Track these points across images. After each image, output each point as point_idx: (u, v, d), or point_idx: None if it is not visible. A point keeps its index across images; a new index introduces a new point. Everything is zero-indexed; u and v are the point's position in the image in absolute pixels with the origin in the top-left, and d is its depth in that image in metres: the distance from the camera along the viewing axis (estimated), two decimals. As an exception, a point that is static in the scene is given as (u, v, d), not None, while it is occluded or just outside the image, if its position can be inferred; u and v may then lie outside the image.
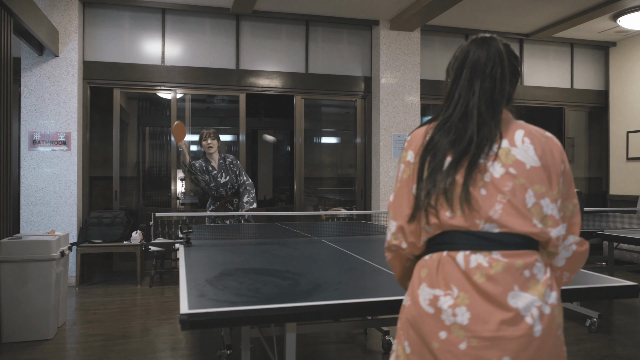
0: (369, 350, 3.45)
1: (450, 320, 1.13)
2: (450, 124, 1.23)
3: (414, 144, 1.28)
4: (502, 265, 1.13)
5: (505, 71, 1.25)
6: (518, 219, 1.15)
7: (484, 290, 1.12)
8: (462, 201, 1.16)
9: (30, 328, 3.52)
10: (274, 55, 6.19)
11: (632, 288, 1.79)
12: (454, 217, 1.17)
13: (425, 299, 1.17)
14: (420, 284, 1.20)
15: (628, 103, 7.01)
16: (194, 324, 1.44)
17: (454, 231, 1.18)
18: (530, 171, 1.18)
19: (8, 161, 3.80)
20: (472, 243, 1.16)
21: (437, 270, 1.18)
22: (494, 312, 1.11)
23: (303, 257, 2.55)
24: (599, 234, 3.69)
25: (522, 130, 1.23)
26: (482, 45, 1.26)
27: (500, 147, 1.20)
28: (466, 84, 1.25)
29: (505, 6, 5.80)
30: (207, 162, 4.70)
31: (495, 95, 1.23)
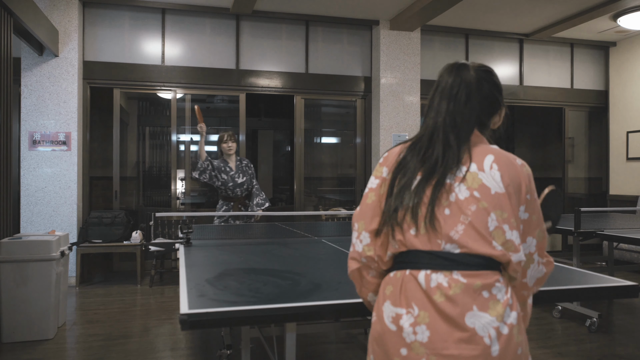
0: (369, 350, 3.45)
1: (410, 338, 1.18)
2: (421, 145, 1.30)
3: (388, 161, 1.34)
4: (460, 286, 1.17)
5: (472, 96, 1.30)
6: (478, 241, 1.19)
7: (442, 310, 1.16)
8: (426, 220, 1.21)
9: (30, 328, 3.52)
10: (274, 55, 6.19)
11: (632, 288, 1.79)
12: (417, 236, 1.22)
13: (389, 317, 1.23)
14: (385, 301, 1.25)
15: (628, 103, 7.01)
16: (194, 324, 1.44)
17: (417, 250, 1.23)
18: (494, 196, 1.21)
19: (8, 161, 3.80)
20: (433, 263, 1.20)
21: (400, 288, 1.23)
22: (452, 331, 1.15)
23: (303, 257, 2.55)
24: (599, 234, 3.69)
25: (492, 155, 1.27)
26: (451, 71, 1.33)
27: (469, 170, 1.24)
28: (435, 107, 1.32)
29: (505, 6, 5.80)
30: (225, 162, 4.76)
31: (457, 118, 1.28)
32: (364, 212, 1.35)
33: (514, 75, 7.04)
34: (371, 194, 1.34)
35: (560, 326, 3.92)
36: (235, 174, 4.74)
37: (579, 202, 7.43)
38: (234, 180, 4.71)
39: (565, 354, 3.32)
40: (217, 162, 4.75)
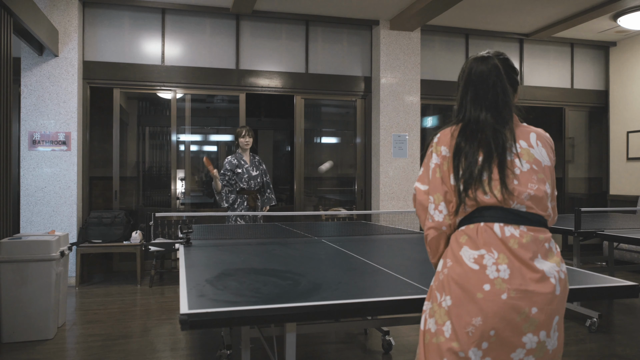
0: (369, 350, 3.45)
1: (494, 275, 1.37)
2: (471, 130, 1.49)
3: (445, 141, 1.52)
4: (530, 236, 1.41)
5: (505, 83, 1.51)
6: (540, 204, 1.45)
7: (517, 255, 1.38)
8: (502, 187, 1.42)
9: (30, 328, 3.52)
10: (274, 55, 6.19)
11: (632, 288, 1.79)
12: (491, 198, 1.43)
13: (470, 258, 1.41)
14: (461, 247, 1.43)
15: (628, 103, 7.01)
16: (194, 324, 1.44)
17: (489, 207, 1.43)
18: (545, 168, 1.49)
19: (8, 161, 3.80)
20: (505, 217, 1.42)
21: (477, 236, 1.42)
22: (526, 272, 1.37)
23: (303, 257, 2.55)
24: (599, 234, 3.70)
25: (534, 133, 1.53)
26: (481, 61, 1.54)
27: (522, 147, 1.48)
28: (474, 97, 1.52)
29: (505, 6, 5.80)
30: (240, 156, 4.91)
31: (499, 105, 1.49)
32: (436, 185, 1.50)
33: (514, 75, 7.03)
34: (437, 169, 1.51)
35: (560, 326, 3.92)
36: (250, 167, 4.89)
37: (579, 202, 7.43)
38: (249, 173, 4.86)
39: (565, 354, 3.32)
40: (230, 160, 4.88)
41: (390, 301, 1.64)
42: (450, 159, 1.49)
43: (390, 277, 2.01)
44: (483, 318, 1.35)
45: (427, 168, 1.56)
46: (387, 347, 3.37)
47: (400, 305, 1.65)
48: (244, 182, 4.83)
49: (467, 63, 1.57)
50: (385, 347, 3.38)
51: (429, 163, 1.55)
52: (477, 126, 1.48)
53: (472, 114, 1.50)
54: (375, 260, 2.39)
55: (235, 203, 4.82)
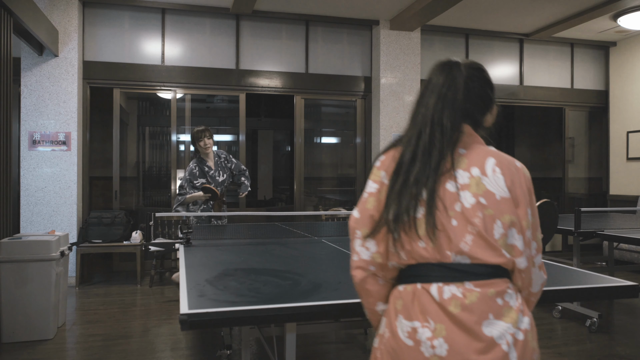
0: (369, 350, 3.45)
1: (429, 352, 1.15)
2: (411, 145, 1.26)
3: (386, 165, 1.30)
4: (475, 294, 1.16)
5: (460, 94, 1.27)
6: (487, 250, 1.18)
7: (459, 320, 1.15)
8: (435, 233, 1.18)
9: (30, 328, 3.52)
10: (274, 55, 6.19)
11: (632, 288, 1.79)
12: (426, 249, 1.19)
13: (404, 332, 1.19)
14: (397, 316, 1.22)
15: (628, 103, 7.01)
16: (194, 324, 1.44)
17: (426, 263, 1.20)
18: (499, 202, 1.20)
19: (8, 161, 3.80)
20: (444, 275, 1.18)
21: (413, 302, 1.20)
22: (470, 342, 1.14)
23: (303, 257, 2.54)
24: (599, 234, 3.70)
25: (493, 159, 1.24)
26: (442, 69, 1.31)
27: (472, 175, 1.21)
28: (424, 104, 1.29)
29: (505, 6, 5.80)
30: (202, 162, 4.45)
31: (444, 116, 1.25)
32: (365, 217, 1.28)
33: (514, 75, 7.03)
34: (371, 198, 1.29)
35: (561, 326, 3.92)
36: (215, 172, 4.47)
37: (579, 202, 7.43)
38: (215, 180, 4.44)
39: (566, 354, 3.32)
40: (192, 169, 4.40)
41: (390, 301, 1.64)
42: (387, 186, 1.26)
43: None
44: None
45: (363, 194, 1.33)
46: (387, 347, 3.36)
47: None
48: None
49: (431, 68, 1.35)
50: (385, 347, 3.37)
51: (365, 189, 1.32)
52: (417, 140, 1.25)
53: (417, 124, 1.28)
54: (375, 260, 2.39)
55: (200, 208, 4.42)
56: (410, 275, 1.23)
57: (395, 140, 1.35)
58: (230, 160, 4.65)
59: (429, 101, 1.28)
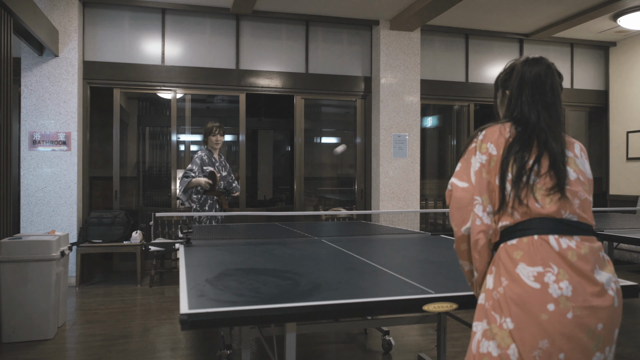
0: (369, 350, 3.45)
1: (557, 293, 1.29)
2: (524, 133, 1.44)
3: (492, 138, 1.46)
4: (587, 247, 1.35)
5: (559, 86, 1.51)
6: (588, 213, 1.42)
7: (577, 267, 1.32)
8: (557, 196, 1.37)
9: (30, 328, 3.52)
10: (274, 55, 6.20)
11: (632, 288, 1.79)
12: (543, 207, 1.37)
13: (529, 276, 1.32)
14: (517, 264, 1.34)
15: (628, 103, 7.01)
16: (194, 324, 1.44)
17: (541, 218, 1.37)
18: (588, 180, 1.47)
19: (8, 161, 3.81)
20: (558, 228, 1.36)
21: (534, 251, 1.34)
22: (586, 285, 1.31)
23: (303, 257, 2.55)
24: (599, 234, 3.70)
25: (578, 145, 1.51)
26: (535, 64, 1.50)
27: (568, 156, 1.45)
28: (529, 100, 1.47)
29: (505, 6, 5.80)
30: (210, 154, 4.71)
31: (557, 108, 1.49)
32: (482, 186, 1.43)
33: (514, 75, 7.03)
34: (483, 168, 1.44)
35: (560, 326, 3.92)
36: (219, 166, 4.73)
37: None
38: (220, 172, 4.70)
39: (565, 354, 3.32)
40: (201, 155, 4.62)
41: (390, 301, 1.64)
42: (498, 158, 1.43)
43: (390, 277, 2.01)
44: (550, 340, 1.27)
45: (467, 165, 1.48)
46: (387, 347, 3.37)
47: (400, 305, 1.65)
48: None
49: (517, 66, 1.53)
50: (385, 347, 3.38)
51: (471, 160, 1.47)
52: (533, 128, 1.44)
53: (528, 114, 1.46)
54: (375, 260, 2.39)
55: (206, 204, 4.61)
56: (526, 228, 1.37)
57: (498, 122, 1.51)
58: (227, 165, 4.90)
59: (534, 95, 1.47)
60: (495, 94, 1.64)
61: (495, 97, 1.64)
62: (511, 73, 1.56)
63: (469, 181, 1.45)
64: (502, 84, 1.60)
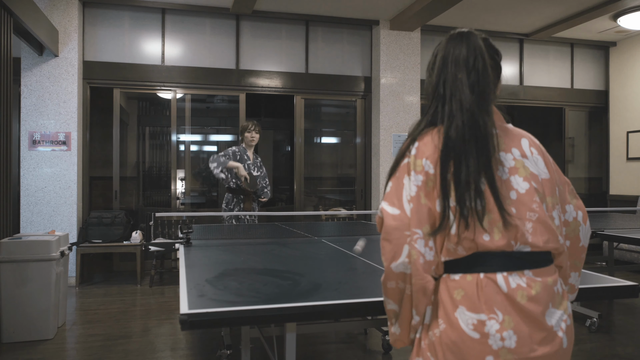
0: (369, 350, 3.45)
1: (498, 345, 1.12)
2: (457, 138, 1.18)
3: (427, 152, 1.20)
4: (539, 284, 1.15)
5: (487, 64, 1.22)
6: (545, 236, 1.17)
7: (527, 311, 1.13)
8: (500, 224, 1.15)
9: (30, 328, 3.52)
10: (274, 55, 6.19)
11: (632, 288, 1.79)
12: (491, 241, 1.15)
13: (469, 324, 1.14)
14: (457, 307, 1.16)
15: (628, 103, 7.01)
16: (194, 324, 1.44)
17: (488, 252, 1.16)
18: (544, 183, 1.20)
19: (8, 161, 3.80)
20: (506, 264, 1.15)
21: (477, 293, 1.15)
22: (534, 332, 1.13)
23: (303, 257, 2.54)
24: (599, 234, 3.69)
25: (526, 139, 1.24)
26: (460, 40, 1.24)
27: (515, 158, 1.20)
28: (451, 79, 1.21)
29: (505, 6, 5.80)
30: (244, 151, 4.59)
31: (480, 90, 1.20)
32: (422, 215, 1.17)
33: (514, 75, 7.04)
34: (421, 192, 1.18)
35: (560, 326, 3.92)
36: (252, 164, 4.60)
37: (579, 202, 7.42)
38: (250, 171, 4.54)
39: (565, 354, 3.32)
40: (234, 149, 4.55)
41: (390, 301, 1.64)
42: (437, 177, 1.18)
43: (390, 277, 2.00)
44: None
45: (399, 186, 1.21)
46: (387, 347, 3.36)
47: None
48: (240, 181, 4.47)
49: (442, 44, 1.26)
50: (385, 347, 3.37)
51: (404, 181, 1.20)
52: (462, 130, 1.16)
53: (453, 98, 1.19)
54: (375, 260, 2.39)
55: (231, 203, 4.54)
56: (470, 264, 1.17)
57: (421, 122, 1.26)
58: (263, 168, 4.77)
59: (456, 76, 1.20)
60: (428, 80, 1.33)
61: (428, 85, 1.31)
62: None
63: (401, 208, 1.19)
64: (430, 67, 1.30)
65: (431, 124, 1.25)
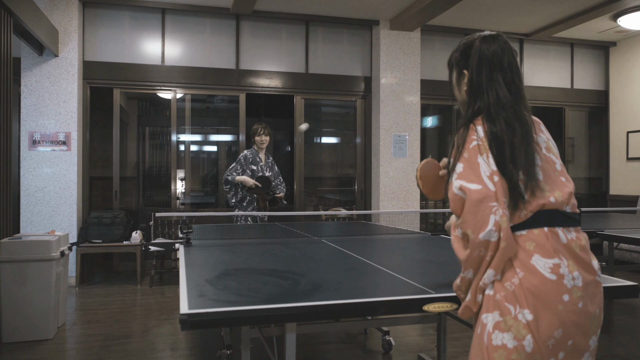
0: (369, 350, 3.45)
1: (571, 284, 1.33)
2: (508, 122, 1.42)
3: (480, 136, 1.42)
4: (583, 238, 1.42)
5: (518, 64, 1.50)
6: (575, 201, 1.46)
7: (581, 258, 1.37)
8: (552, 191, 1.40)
9: (30, 328, 3.52)
10: (274, 55, 6.19)
11: (632, 288, 1.79)
12: (554, 201, 1.39)
13: (546, 268, 1.33)
14: (531, 255, 1.35)
15: (628, 103, 7.01)
16: (194, 324, 1.44)
17: (549, 210, 1.38)
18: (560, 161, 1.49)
19: (8, 161, 3.80)
20: (562, 220, 1.39)
21: (547, 242, 1.35)
22: (588, 275, 1.37)
23: (303, 257, 2.54)
24: (599, 234, 3.69)
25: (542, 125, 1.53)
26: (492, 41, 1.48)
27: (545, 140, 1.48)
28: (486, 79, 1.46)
29: (505, 6, 5.80)
30: (256, 154, 4.77)
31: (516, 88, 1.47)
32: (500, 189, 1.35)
33: (514, 75, 7.03)
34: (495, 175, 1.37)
35: (560, 326, 3.92)
36: (264, 166, 4.77)
37: (579, 202, 7.39)
38: (263, 172, 4.73)
39: (565, 354, 3.32)
40: (246, 154, 4.74)
41: (390, 301, 1.64)
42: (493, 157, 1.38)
43: (390, 277, 2.01)
44: (564, 329, 1.31)
45: (473, 165, 1.38)
46: (387, 347, 3.37)
47: (400, 305, 1.65)
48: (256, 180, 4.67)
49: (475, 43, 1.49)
50: (385, 347, 3.37)
51: (478, 160, 1.38)
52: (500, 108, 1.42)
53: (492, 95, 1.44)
54: (375, 260, 2.39)
55: (244, 201, 4.67)
56: (533, 221, 1.38)
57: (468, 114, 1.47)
58: (275, 166, 4.92)
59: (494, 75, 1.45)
60: (450, 74, 1.58)
61: (450, 78, 1.58)
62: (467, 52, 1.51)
63: (481, 183, 1.35)
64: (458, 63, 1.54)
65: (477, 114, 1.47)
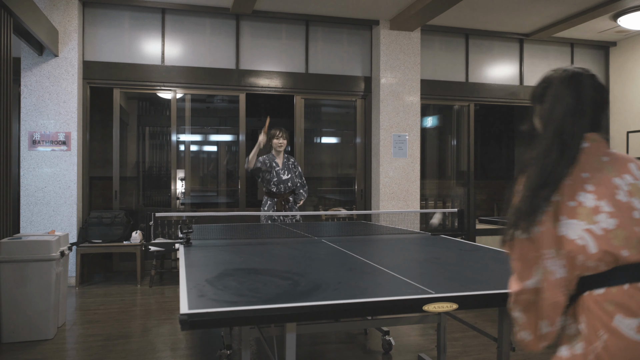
0: (369, 350, 3.45)
1: None
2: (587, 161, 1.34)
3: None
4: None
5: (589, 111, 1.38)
6: None
7: None
8: (635, 241, 1.28)
9: (30, 328, 3.52)
10: (274, 55, 6.19)
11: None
12: (631, 255, 1.28)
13: (631, 328, 1.24)
14: (613, 317, 1.26)
15: (628, 103, 7.01)
16: (194, 324, 1.44)
17: (629, 265, 1.28)
18: None
19: (8, 161, 3.80)
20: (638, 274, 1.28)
21: (628, 301, 1.26)
22: None
23: (303, 257, 2.54)
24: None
25: (633, 163, 1.37)
26: (569, 84, 1.40)
27: (629, 182, 1.33)
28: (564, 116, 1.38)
29: (505, 6, 5.80)
30: (272, 158, 4.83)
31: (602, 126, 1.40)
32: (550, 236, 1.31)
33: (514, 75, 7.03)
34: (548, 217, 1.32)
35: (560, 326, 3.91)
36: (281, 170, 4.80)
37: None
38: (279, 176, 4.76)
39: (565, 354, 3.32)
40: (263, 159, 4.80)
41: (390, 301, 1.64)
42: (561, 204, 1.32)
43: (391, 277, 2.01)
44: None
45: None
46: (387, 347, 3.37)
47: (400, 305, 1.65)
48: (272, 185, 4.75)
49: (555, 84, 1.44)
50: (385, 347, 3.38)
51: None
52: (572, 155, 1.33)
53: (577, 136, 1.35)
54: (375, 260, 2.39)
55: (266, 205, 4.77)
56: (611, 277, 1.28)
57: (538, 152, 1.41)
58: (297, 167, 4.96)
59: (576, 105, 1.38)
60: (534, 109, 1.55)
61: (534, 113, 1.55)
62: (546, 87, 1.48)
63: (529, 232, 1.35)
64: (539, 98, 1.51)
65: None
